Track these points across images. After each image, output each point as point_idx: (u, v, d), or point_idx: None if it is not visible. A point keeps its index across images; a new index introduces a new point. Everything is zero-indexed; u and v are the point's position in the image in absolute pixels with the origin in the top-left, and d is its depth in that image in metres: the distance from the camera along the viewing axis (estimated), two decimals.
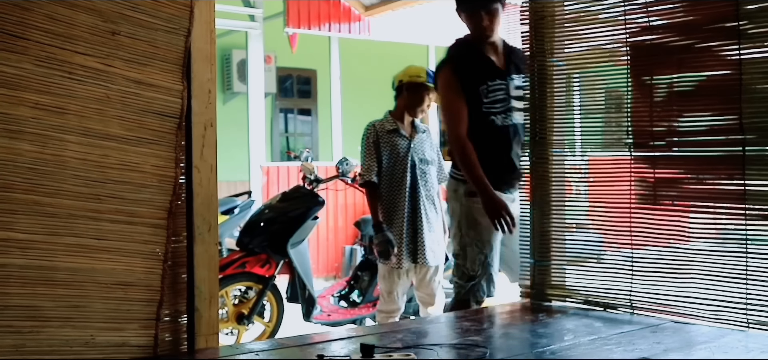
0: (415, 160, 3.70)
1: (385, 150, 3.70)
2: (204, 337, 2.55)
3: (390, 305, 3.79)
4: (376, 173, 3.73)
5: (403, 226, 3.67)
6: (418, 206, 3.68)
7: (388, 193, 3.71)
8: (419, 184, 3.69)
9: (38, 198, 2.24)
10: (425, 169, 3.72)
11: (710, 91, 2.79)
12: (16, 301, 2.21)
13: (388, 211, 3.70)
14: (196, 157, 2.55)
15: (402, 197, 3.67)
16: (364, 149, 3.79)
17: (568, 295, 3.21)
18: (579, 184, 3.23)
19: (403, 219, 3.67)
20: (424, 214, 3.67)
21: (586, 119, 3.25)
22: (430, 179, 3.73)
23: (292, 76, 10.24)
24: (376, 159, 3.74)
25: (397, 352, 2.34)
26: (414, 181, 3.69)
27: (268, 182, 7.63)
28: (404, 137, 3.70)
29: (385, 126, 3.73)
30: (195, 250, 2.54)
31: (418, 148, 3.73)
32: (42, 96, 2.23)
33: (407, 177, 3.69)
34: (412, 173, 3.70)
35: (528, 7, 3.26)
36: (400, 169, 3.68)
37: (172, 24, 2.48)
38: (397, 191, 3.68)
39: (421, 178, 3.70)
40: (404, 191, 3.66)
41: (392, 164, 3.70)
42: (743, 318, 2.64)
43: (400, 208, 3.66)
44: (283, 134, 10.47)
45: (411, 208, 3.67)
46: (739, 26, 2.61)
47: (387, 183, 3.72)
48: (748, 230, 2.64)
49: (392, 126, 3.71)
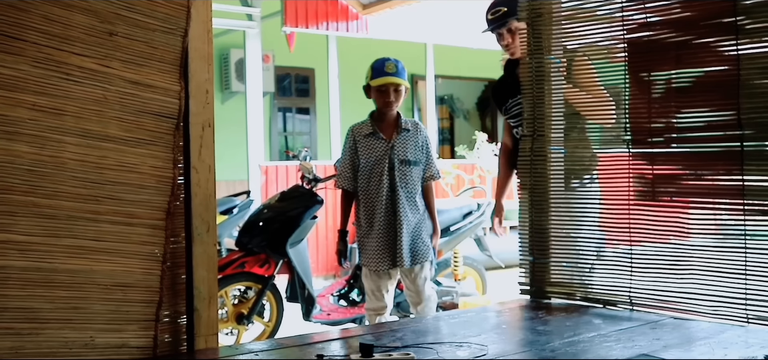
0: (394, 161, 3.64)
1: (363, 153, 3.67)
2: (203, 338, 2.55)
3: (376, 303, 3.78)
4: (350, 180, 3.72)
5: (382, 229, 3.64)
6: (397, 209, 3.62)
7: (366, 196, 3.68)
8: (398, 186, 3.63)
9: (37, 200, 2.24)
10: (406, 170, 3.65)
11: (708, 87, 2.79)
12: (15, 303, 2.21)
13: (367, 214, 3.69)
14: (194, 157, 2.54)
15: (379, 200, 3.63)
16: (343, 154, 3.80)
17: (567, 292, 3.21)
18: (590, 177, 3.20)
19: (381, 222, 3.64)
20: (404, 216, 3.62)
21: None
22: (411, 180, 3.66)
23: (290, 75, 10.23)
24: (351, 165, 3.72)
25: (396, 351, 2.34)
26: (392, 183, 3.63)
27: (267, 182, 7.63)
28: (382, 139, 3.66)
29: (362, 130, 3.71)
30: (194, 251, 2.53)
31: (399, 149, 3.65)
32: (39, 97, 2.23)
33: (385, 180, 3.63)
34: (390, 175, 3.64)
35: (526, 5, 3.26)
36: (378, 172, 3.64)
37: (169, 24, 2.48)
38: (374, 194, 3.65)
39: (400, 180, 3.63)
40: (382, 194, 3.62)
41: (369, 167, 3.66)
42: (743, 313, 2.64)
43: (378, 211, 3.64)
44: (282, 133, 10.47)
45: (390, 211, 3.63)
46: (736, 22, 2.61)
47: (364, 186, 3.68)
48: (747, 225, 2.64)
49: (369, 129, 3.68)
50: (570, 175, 3.23)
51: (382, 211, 3.64)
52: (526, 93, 3.29)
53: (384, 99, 3.70)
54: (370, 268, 3.72)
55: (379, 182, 3.64)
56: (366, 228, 3.72)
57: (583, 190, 3.23)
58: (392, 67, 3.70)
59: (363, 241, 3.76)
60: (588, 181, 3.21)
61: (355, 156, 3.72)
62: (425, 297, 3.77)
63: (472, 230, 5.40)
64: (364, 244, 3.75)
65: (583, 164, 3.21)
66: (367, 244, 3.72)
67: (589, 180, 3.21)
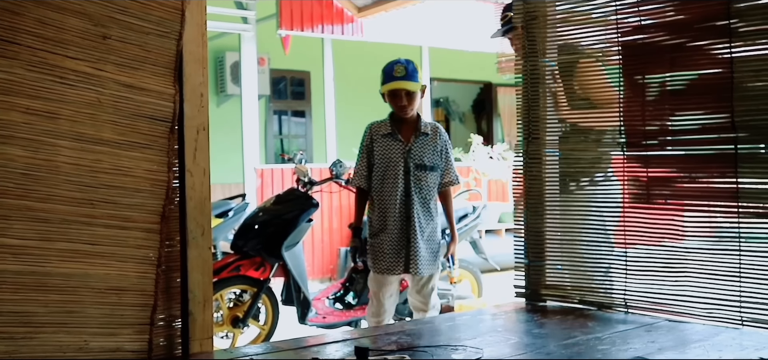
0: (410, 165, 3.58)
1: (379, 153, 3.61)
2: (198, 341, 2.55)
3: (377, 309, 3.73)
4: (365, 178, 3.67)
5: (394, 233, 3.58)
6: (411, 214, 3.57)
7: (379, 197, 3.62)
8: (413, 191, 3.57)
9: (31, 203, 2.23)
10: (421, 176, 3.58)
11: (702, 90, 2.80)
12: (9, 307, 2.20)
13: (380, 216, 3.63)
14: (189, 160, 2.54)
15: (393, 204, 3.57)
16: (359, 151, 3.73)
17: (562, 295, 3.21)
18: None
19: (394, 226, 3.57)
20: (417, 222, 3.56)
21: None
22: (426, 186, 3.60)
23: (286, 78, 10.23)
24: (367, 164, 3.67)
25: (391, 354, 2.34)
26: (407, 187, 3.57)
27: (263, 185, 7.62)
28: (399, 141, 3.60)
29: (381, 129, 3.65)
30: (189, 254, 2.53)
31: (416, 153, 3.59)
32: (33, 101, 2.23)
33: (399, 183, 3.57)
34: (405, 179, 3.58)
35: (520, 8, 3.26)
36: (392, 175, 3.58)
37: (163, 27, 2.47)
38: (388, 197, 3.59)
39: (415, 185, 3.57)
40: (395, 198, 3.56)
41: (384, 168, 3.60)
42: (737, 315, 2.65)
43: (391, 214, 3.58)
44: (277, 136, 10.46)
45: (404, 215, 3.57)
46: (730, 24, 2.62)
47: (378, 187, 3.62)
48: (741, 228, 2.65)
49: (388, 129, 3.62)
50: (566, 177, 3.23)
51: (395, 215, 3.57)
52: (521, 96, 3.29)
53: (397, 103, 3.62)
54: (379, 270, 3.65)
55: (394, 185, 3.58)
56: (378, 229, 3.64)
57: (582, 193, 3.20)
58: (401, 71, 3.63)
59: (373, 242, 3.67)
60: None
61: (370, 155, 3.66)
62: (430, 306, 3.74)
63: (467, 233, 5.39)
64: (374, 246, 3.67)
65: (581, 166, 3.18)
66: (378, 247, 3.64)
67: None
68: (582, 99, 3.19)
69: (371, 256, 3.70)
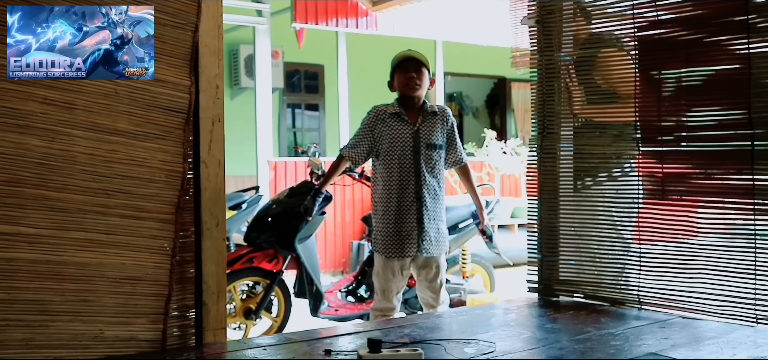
0: (420, 145, 3.57)
1: (386, 135, 3.58)
2: (212, 332, 2.56)
3: (384, 304, 3.68)
4: (360, 156, 3.64)
5: (404, 215, 3.54)
6: (421, 194, 3.55)
7: (387, 181, 3.58)
8: (424, 170, 3.55)
9: (47, 193, 2.25)
10: (431, 155, 3.58)
11: (719, 86, 2.77)
12: (25, 296, 2.22)
13: (387, 199, 3.59)
14: (204, 152, 2.55)
15: (402, 185, 3.53)
16: (360, 127, 3.69)
17: (575, 291, 3.20)
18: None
19: (404, 208, 3.54)
20: (429, 201, 3.55)
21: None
22: (437, 164, 3.58)
23: (300, 72, 10.24)
24: (367, 144, 3.64)
25: (404, 346, 2.34)
26: (417, 167, 3.55)
27: (276, 177, 7.64)
28: (407, 122, 3.59)
29: (388, 109, 3.64)
30: (203, 245, 2.54)
31: (425, 133, 3.57)
32: (50, 91, 2.24)
33: (409, 164, 3.56)
34: (415, 159, 3.56)
35: (535, 3, 3.25)
36: (402, 155, 3.56)
37: (180, 19, 2.48)
38: (397, 179, 3.54)
39: (426, 164, 3.56)
40: (405, 179, 3.54)
41: (393, 150, 3.57)
42: (752, 313, 2.63)
43: (402, 196, 3.54)
44: (291, 129, 10.48)
45: (413, 196, 3.55)
46: (748, 20, 2.60)
47: (385, 170, 3.59)
48: (757, 225, 2.63)
49: (395, 110, 3.62)
50: (581, 172, 3.21)
51: (405, 197, 3.54)
52: (536, 90, 3.28)
53: (407, 77, 3.60)
54: (389, 255, 3.58)
55: (403, 166, 3.55)
56: (383, 213, 3.59)
57: (597, 189, 3.17)
58: (413, 51, 3.69)
59: (380, 227, 3.61)
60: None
61: (372, 136, 3.64)
62: (441, 300, 3.72)
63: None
64: (381, 230, 3.61)
65: (596, 161, 3.16)
66: (387, 231, 3.58)
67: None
68: (605, 92, 3.15)
69: (380, 241, 3.63)
